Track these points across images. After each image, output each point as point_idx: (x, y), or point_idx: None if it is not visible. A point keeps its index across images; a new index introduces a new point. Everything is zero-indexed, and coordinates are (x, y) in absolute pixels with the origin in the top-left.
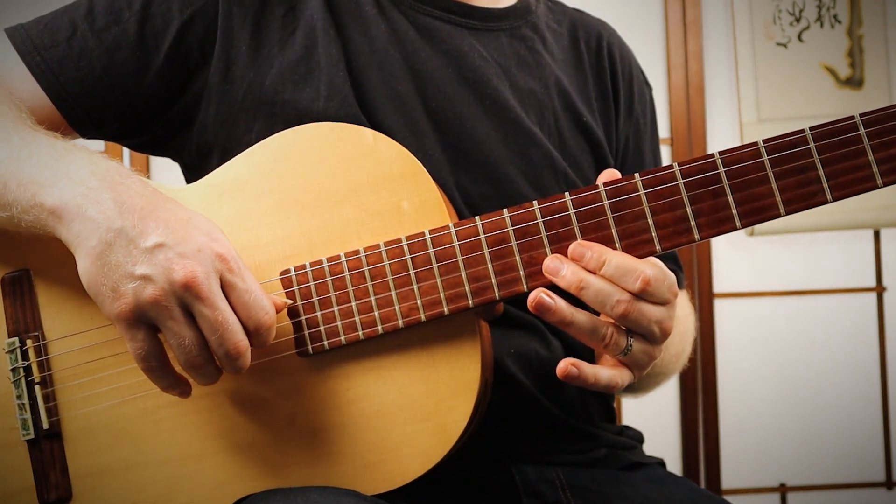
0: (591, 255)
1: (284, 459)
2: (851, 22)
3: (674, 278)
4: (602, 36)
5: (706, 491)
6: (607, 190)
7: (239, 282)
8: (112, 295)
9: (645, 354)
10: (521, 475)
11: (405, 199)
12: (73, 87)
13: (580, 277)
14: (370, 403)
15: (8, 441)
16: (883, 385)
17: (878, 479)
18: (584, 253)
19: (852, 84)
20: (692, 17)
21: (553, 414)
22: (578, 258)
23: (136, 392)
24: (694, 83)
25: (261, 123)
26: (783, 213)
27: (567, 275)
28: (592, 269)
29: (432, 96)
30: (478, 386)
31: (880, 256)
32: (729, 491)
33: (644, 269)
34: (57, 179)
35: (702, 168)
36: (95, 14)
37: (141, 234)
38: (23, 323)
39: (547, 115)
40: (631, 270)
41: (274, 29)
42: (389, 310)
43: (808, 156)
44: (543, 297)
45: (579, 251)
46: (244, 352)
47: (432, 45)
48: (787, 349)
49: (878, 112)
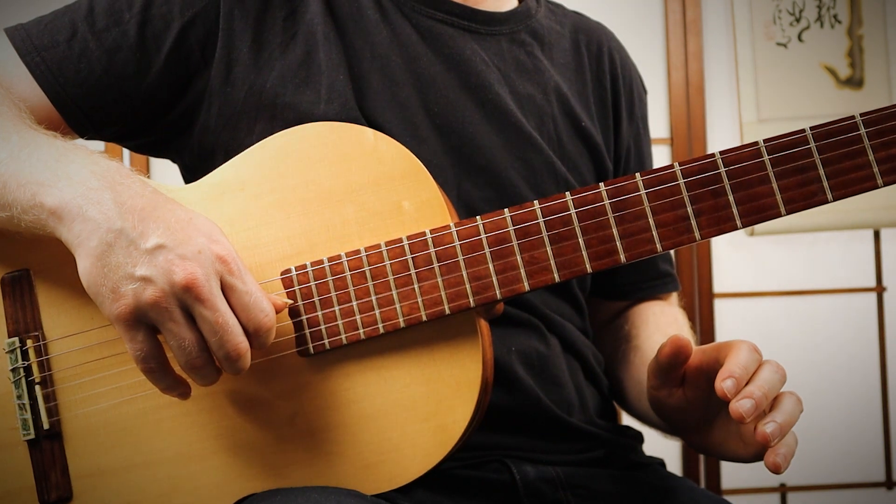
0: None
1: (285, 459)
2: (851, 22)
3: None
4: (602, 41)
5: (706, 491)
6: (608, 190)
7: (239, 284)
8: (112, 296)
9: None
10: (521, 474)
11: (406, 199)
12: (73, 88)
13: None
14: (371, 403)
15: (8, 441)
16: (883, 385)
17: (878, 479)
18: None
19: (852, 84)
20: (692, 17)
21: (553, 413)
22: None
23: (136, 392)
24: (694, 83)
25: (262, 125)
26: (784, 213)
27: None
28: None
29: (434, 101)
30: (479, 385)
31: (880, 256)
32: (729, 491)
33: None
34: (57, 179)
35: (702, 168)
36: (96, 15)
37: (141, 235)
38: (23, 323)
39: (546, 121)
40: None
41: (275, 32)
42: (390, 309)
43: (809, 155)
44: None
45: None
46: (244, 353)
47: (434, 50)
48: (787, 349)
49: (878, 112)
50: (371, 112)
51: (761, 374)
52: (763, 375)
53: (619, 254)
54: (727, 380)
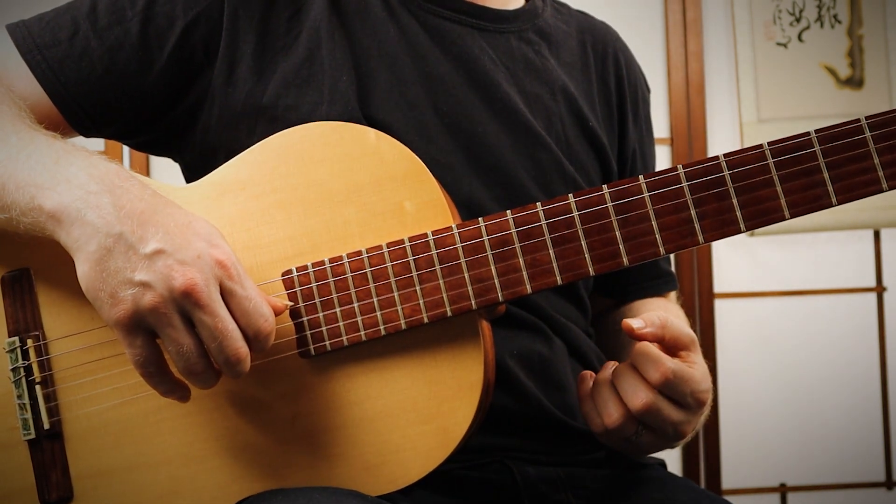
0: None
1: (286, 461)
2: (851, 22)
3: (705, 387)
4: (608, 41)
5: (707, 491)
6: (611, 192)
7: (238, 288)
8: (111, 301)
9: (652, 447)
10: (523, 475)
11: (408, 200)
12: (74, 87)
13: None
14: (372, 405)
15: (9, 441)
16: (883, 385)
17: (878, 479)
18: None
19: (852, 84)
20: (692, 17)
21: (555, 415)
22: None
23: (137, 392)
24: (694, 83)
25: (263, 127)
26: (788, 217)
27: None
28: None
29: (443, 101)
30: (480, 387)
31: (880, 256)
32: (729, 491)
33: (667, 363)
34: (56, 183)
35: (706, 170)
36: (98, 13)
37: (140, 239)
38: (23, 322)
39: (554, 121)
40: (654, 360)
41: (279, 34)
42: (392, 310)
43: (814, 159)
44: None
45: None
46: (244, 358)
47: (442, 48)
48: (788, 349)
49: (883, 115)
50: (378, 111)
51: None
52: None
53: (622, 256)
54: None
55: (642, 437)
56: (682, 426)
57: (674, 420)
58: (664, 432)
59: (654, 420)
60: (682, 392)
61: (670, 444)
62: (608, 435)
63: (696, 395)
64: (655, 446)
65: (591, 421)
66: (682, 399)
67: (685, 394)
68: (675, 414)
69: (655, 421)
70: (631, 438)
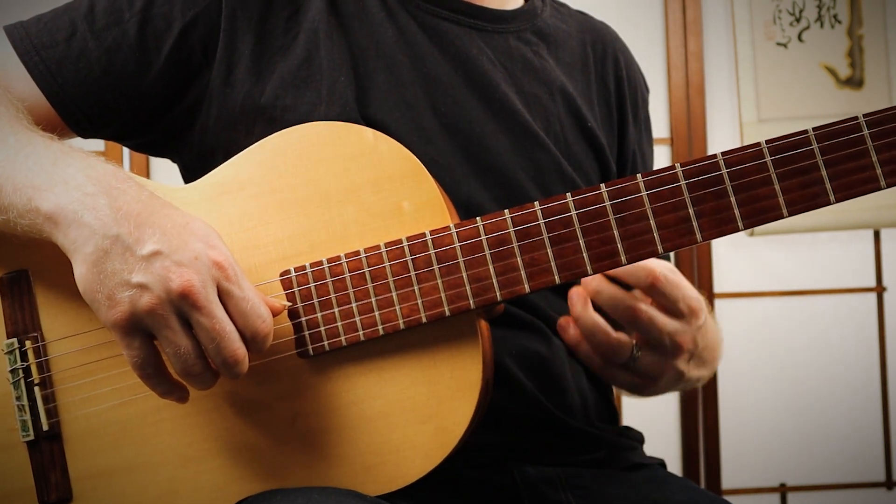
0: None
1: (285, 461)
2: (851, 22)
3: (696, 297)
4: (608, 42)
5: (707, 491)
6: (609, 191)
7: (236, 290)
8: (108, 303)
9: (654, 367)
10: (522, 475)
11: (406, 200)
12: (72, 88)
13: (598, 282)
14: (371, 405)
15: (8, 442)
16: (883, 385)
17: (878, 479)
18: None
19: (852, 84)
20: (692, 17)
21: (554, 414)
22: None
23: (135, 393)
24: (694, 83)
25: (261, 127)
26: (786, 215)
27: (588, 279)
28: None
29: (441, 101)
30: (479, 386)
31: (880, 256)
32: (729, 491)
33: (654, 267)
34: (53, 184)
35: (704, 169)
36: (96, 14)
37: (137, 241)
38: (21, 324)
39: (552, 121)
40: (641, 267)
41: (277, 34)
42: (390, 310)
43: (812, 157)
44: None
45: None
46: (242, 359)
47: (441, 49)
48: (787, 349)
49: (881, 113)
50: (377, 111)
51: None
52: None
53: (620, 255)
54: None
55: (641, 360)
56: (678, 336)
57: (669, 330)
58: (661, 344)
59: (646, 328)
60: (674, 297)
61: (673, 366)
62: (609, 368)
63: (688, 300)
64: (657, 368)
65: (588, 360)
66: (673, 305)
67: (676, 298)
68: (670, 323)
69: (649, 330)
70: (629, 364)
